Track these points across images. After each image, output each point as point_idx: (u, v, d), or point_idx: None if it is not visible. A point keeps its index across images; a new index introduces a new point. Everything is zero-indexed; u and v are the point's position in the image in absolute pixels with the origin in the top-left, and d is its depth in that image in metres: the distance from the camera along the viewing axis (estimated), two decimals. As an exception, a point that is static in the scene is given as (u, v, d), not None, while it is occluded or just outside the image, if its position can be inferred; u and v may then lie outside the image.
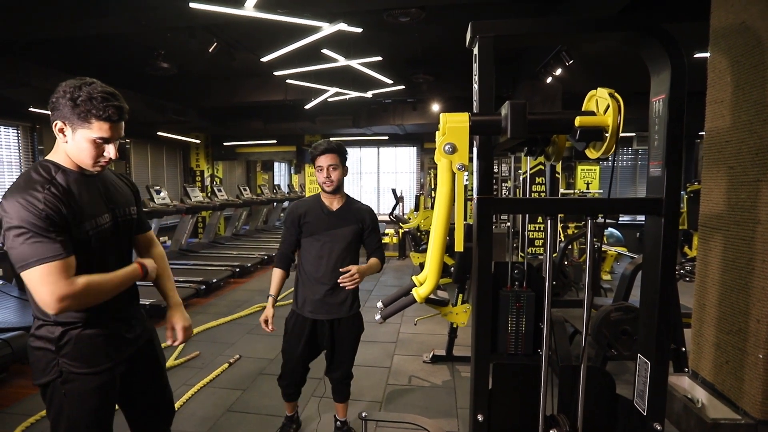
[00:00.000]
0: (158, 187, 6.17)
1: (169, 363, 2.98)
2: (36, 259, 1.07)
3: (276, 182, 12.01)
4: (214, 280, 4.95)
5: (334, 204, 1.94)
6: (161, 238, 7.62)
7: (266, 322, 1.89)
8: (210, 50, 4.42)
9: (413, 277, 1.30)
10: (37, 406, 2.36)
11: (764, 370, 1.42)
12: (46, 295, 1.08)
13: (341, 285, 1.86)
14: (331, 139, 1.97)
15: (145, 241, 1.48)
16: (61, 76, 4.89)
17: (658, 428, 1.15)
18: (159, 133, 8.03)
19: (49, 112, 1.19)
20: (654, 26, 1.09)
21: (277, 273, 1.96)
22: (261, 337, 3.57)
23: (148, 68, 4.92)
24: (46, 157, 1.23)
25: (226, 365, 3.01)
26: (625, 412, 1.33)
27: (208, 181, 9.65)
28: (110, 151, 1.22)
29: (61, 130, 1.17)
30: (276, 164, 12.35)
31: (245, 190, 8.34)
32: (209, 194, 8.14)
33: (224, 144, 9.70)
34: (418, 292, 1.19)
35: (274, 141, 9.60)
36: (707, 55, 1.70)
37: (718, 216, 1.66)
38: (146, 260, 1.38)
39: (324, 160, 1.87)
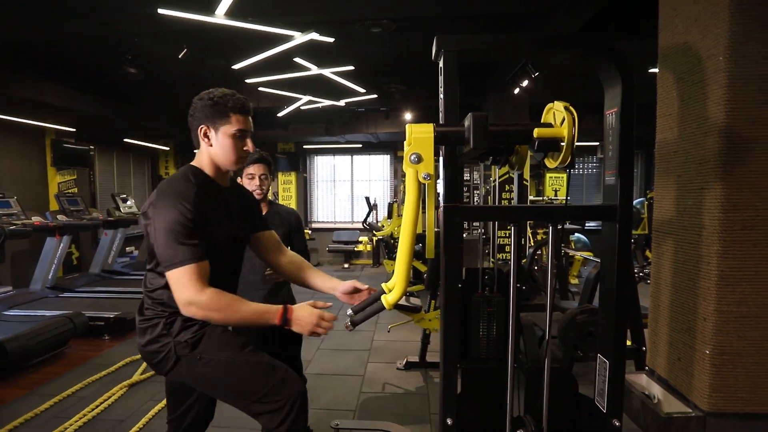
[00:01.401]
0: (124, 196, 5.97)
1: (134, 378, 2.88)
2: (179, 261, 1.16)
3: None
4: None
5: (262, 210, 1.92)
6: (128, 248, 7.35)
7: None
8: (180, 56, 4.34)
9: (382, 285, 1.32)
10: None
11: (711, 365, 1.52)
12: (180, 296, 1.17)
13: (266, 275, 1.86)
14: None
15: (267, 243, 1.51)
16: (20, 79, 4.70)
17: (617, 424, 1.21)
18: (126, 140, 7.77)
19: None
20: (606, 45, 1.16)
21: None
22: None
23: (116, 73, 4.78)
24: (192, 164, 1.35)
25: (196, 378, 2.93)
26: (587, 411, 1.39)
27: (177, 189, 9.38)
28: (249, 144, 1.33)
29: (206, 134, 1.30)
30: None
31: None
32: (179, 203, 7.91)
33: (194, 152, 9.48)
34: (387, 299, 1.21)
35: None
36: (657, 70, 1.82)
37: (669, 221, 1.76)
38: (298, 307, 1.28)
39: (256, 169, 1.91)
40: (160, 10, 3.06)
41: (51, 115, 5.67)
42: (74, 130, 6.38)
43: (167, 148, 9.15)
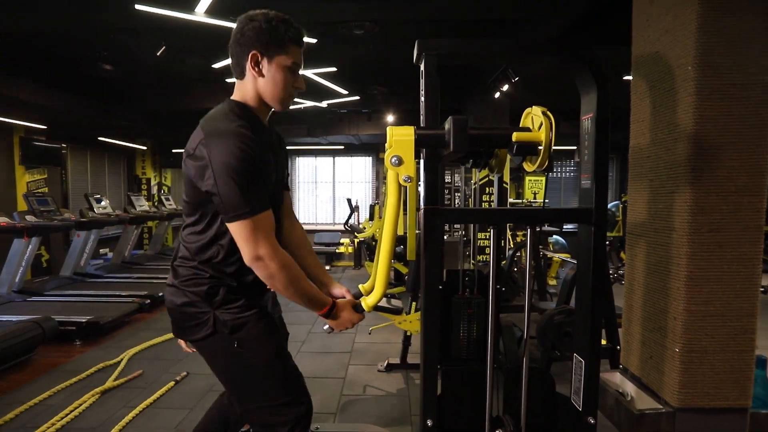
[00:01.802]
0: (99, 196, 5.79)
1: (108, 384, 2.79)
2: (249, 210, 1.03)
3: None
4: (160, 294, 4.69)
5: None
6: (101, 250, 7.13)
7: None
8: (158, 54, 4.25)
9: (360, 286, 1.32)
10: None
11: (680, 362, 1.57)
12: (250, 250, 1.05)
13: None
14: None
15: (286, 203, 1.37)
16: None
17: (592, 422, 1.24)
18: (101, 139, 7.55)
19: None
20: (582, 51, 1.20)
21: None
22: (210, 353, 3.42)
23: (90, 70, 4.64)
24: (233, 98, 1.18)
25: (172, 383, 2.86)
26: (564, 409, 1.42)
27: (155, 190, 9.17)
28: (301, 81, 1.19)
29: (257, 62, 1.12)
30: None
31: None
32: (156, 203, 7.73)
33: (173, 151, 9.28)
34: (366, 302, 1.21)
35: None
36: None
37: (642, 224, 1.82)
38: (343, 306, 1.22)
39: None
40: (138, 6, 2.99)
41: (20, 111, 5.46)
42: (45, 127, 6.16)
43: (144, 148, 8.93)
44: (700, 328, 1.57)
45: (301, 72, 1.22)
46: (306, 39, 1.20)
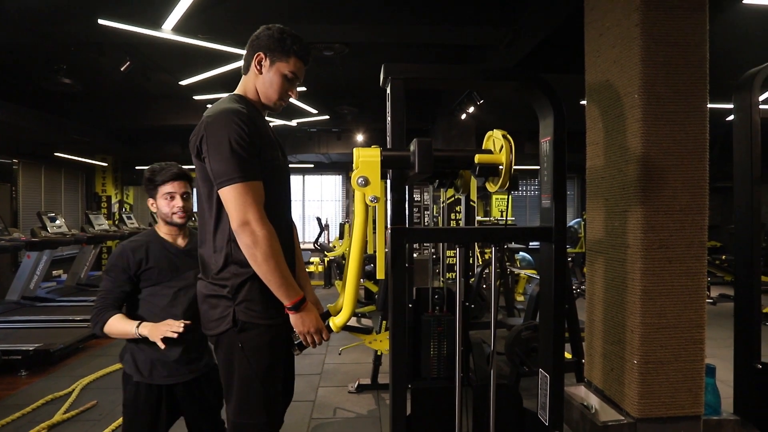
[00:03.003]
0: (53, 214, 5.48)
1: (56, 418, 2.59)
2: (238, 176, 1.10)
3: (195, 209, 11.30)
4: (118, 318, 4.45)
5: (179, 240, 1.61)
6: (55, 272, 6.71)
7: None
8: (122, 69, 4.15)
9: (328, 306, 1.31)
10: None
11: (638, 373, 1.64)
12: (238, 215, 1.11)
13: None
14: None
15: None
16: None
17: (557, 436, 1.27)
18: (57, 154, 7.20)
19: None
20: (538, 79, 1.27)
21: (117, 318, 1.49)
22: (172, 379, 3.25)
23: (47, 83, 4.46)
24: (235, 92, 1.31)
25: (129, 414, 2.69)
26: (531, 424, 1.44)
27: (116, 208, 8.79)
28: (294, 91, 1.32)
29: (260, 62, 1.26)
30: (195, 191, 11.65)
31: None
32: (117, 222, 7.40)
33: (136, 168, 8.97)
34: (335, 322, 1.20)
35: (194, 166, 9.10)
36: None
37: (600, 241, 1.91)
38: (312, 307, 1.23)
39: (177, 187, 1.56)
40: (101, 21, 2.93)
41: (-36, 126, 5.16)
42: (-6, 142, 5.83)
43: (105, 164, 8.58)
44: (656, 340, 1.65)
45: None
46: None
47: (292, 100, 1.36)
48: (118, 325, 1.48)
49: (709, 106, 1.68)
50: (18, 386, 3.14)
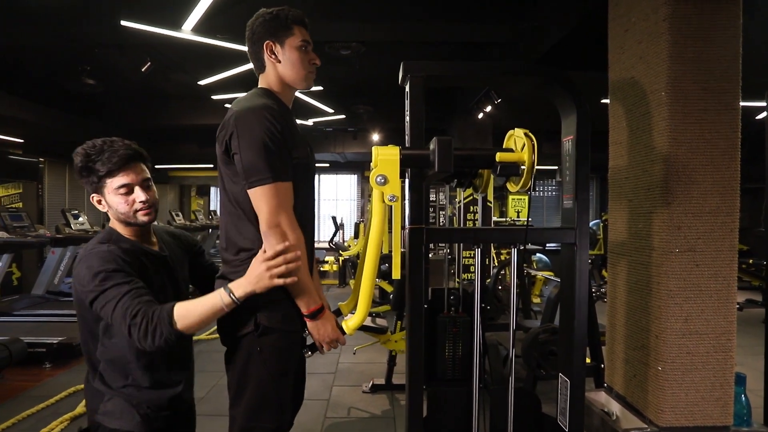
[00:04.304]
0: (76, 211, 5.63)
1: (78, 410, 2.65)
2: (271, 176, 1.07)
3: (212, 208, 11.48)
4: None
5: (153, 241, 1.24)
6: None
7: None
8: (143, 70, 4.23)
9: (339, 304, 1.29)
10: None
11: (663, 381, 1.58)
12: (269, 215, 1.07)
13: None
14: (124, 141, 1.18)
15: None
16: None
17: (578, 443, 1.23)
18: (79, 154, 7.39)
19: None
20: (560, 75, 1.23)
21: (181, 305, 1.07)
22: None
23: (72, 84, 4.58)
24: (259, 86, 1.27)
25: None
26: (551, 429, 1.41)
27: (135, 206, 8.96)
28: (315, 56, 1.27)
29: (272, 50, 1.22)
30: (213, 189, 11.83)
31: (178, 215, 7.86)
32: (136, 219, 7.55)
33: (155, 167, 9.14)
34: (348, 324, 1.18)
35: (211, 165, 9.24)
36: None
37: (622, 243, 1.86)
38: (331, 316, 1.22)
39: (131, 175, 1.14)
40: (123, 22, 2.99)
41: (-5, 125, 5.33)
42: (21, 141, 6.01)
43: (125, 163, 8.77)
44: (682, 346, 1.59)
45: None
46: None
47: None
48: (192, 308, 1.05)
49: (741, 104, 1.62)
50: (42, 378, 3.23)
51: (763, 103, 1.92)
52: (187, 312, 1.04)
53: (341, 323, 1.20)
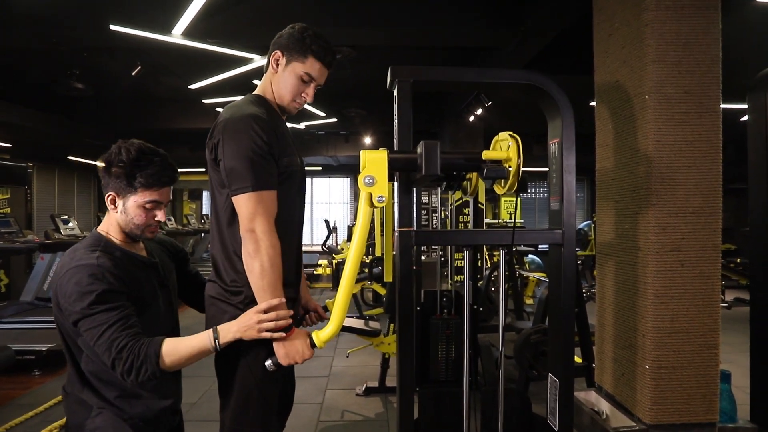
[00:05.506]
0: (66, 216, 5.57)
1: None
2: (253, 184, 1.09)
3: (204, 212, 11.42)
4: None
5: (140, 247, 1.24)
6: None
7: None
8: (133, 74, 4.21)
9: (327, 302, 1.29)
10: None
11: (651, 379, 1.61)
12: (247, 222, 1.09)
13: None
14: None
15: None
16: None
17: (567, 442, 1.24)
18: (70, 158, 7.33)
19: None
20: (545, 80, 1.26)
21: (170, 342, 1.07)
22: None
23: (61, 88, 4.54)
24: (255, 92, 1.28)
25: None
26: (541, 429, 1.42)
27: (126, 211, 8.89)
28: (310, 93, 1.28)
29: (277, 60, 1.24)
30: (205, 193, 11.77)
31: (170, 219, 7.81)
32: (127, 224, 7.49)
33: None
34: (319, 337, 1.13)
35: (203, 169, 9.19)
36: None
37: (610, 244, 1.89)
38: (300, 332, 1.16)
39: (164, 195, 1.17)
40: (112, 26, 2.98)
41: (-18, 130, 5.27)
42: (9, 145, 5.95)
43: (116, 167, 8.70)
44: (668, 345, 1.62)
45: None
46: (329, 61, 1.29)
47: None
48: (180, 347, 1.05)
49: (722, 106, 1.65)
50: (31, 386, 3.18)
51: (746, 106, 1.96)
52: (175, 350, 1.05)
53: (312, 336, 1.15)
